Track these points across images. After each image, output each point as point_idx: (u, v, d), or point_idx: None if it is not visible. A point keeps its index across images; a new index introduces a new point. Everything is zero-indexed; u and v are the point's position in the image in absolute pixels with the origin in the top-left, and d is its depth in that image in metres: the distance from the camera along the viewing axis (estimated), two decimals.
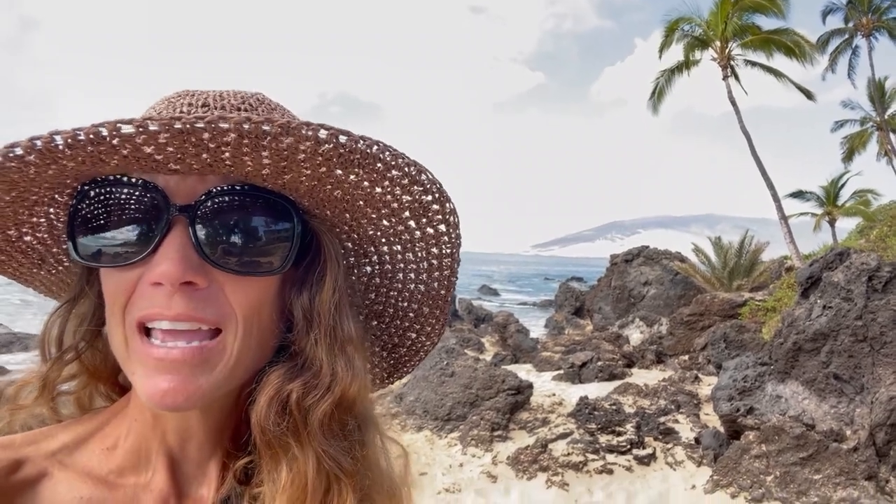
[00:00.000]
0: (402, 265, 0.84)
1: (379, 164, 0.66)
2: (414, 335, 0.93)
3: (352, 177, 0.66)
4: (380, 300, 0.90)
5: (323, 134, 0.60)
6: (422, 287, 0.86)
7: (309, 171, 0.64)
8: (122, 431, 0.75)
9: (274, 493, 0.70)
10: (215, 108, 0.70)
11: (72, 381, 0.80)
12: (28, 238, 0.78)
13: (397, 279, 0.86)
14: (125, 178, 0.66)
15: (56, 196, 0.71)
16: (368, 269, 0.86)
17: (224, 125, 0.57)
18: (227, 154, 0.60)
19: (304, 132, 0.59)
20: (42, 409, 0.78)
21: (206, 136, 0.58)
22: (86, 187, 0.67)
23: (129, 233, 0.67)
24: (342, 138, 0.61)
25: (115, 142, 0.57)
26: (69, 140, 0.57)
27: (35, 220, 0.75)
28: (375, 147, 0.64)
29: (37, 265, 0.83)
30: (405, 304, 0.89)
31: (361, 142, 0.63)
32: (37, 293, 0.90)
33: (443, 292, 0.86)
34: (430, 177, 0.70)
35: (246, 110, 0.71)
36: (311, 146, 0.61)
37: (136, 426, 0.75)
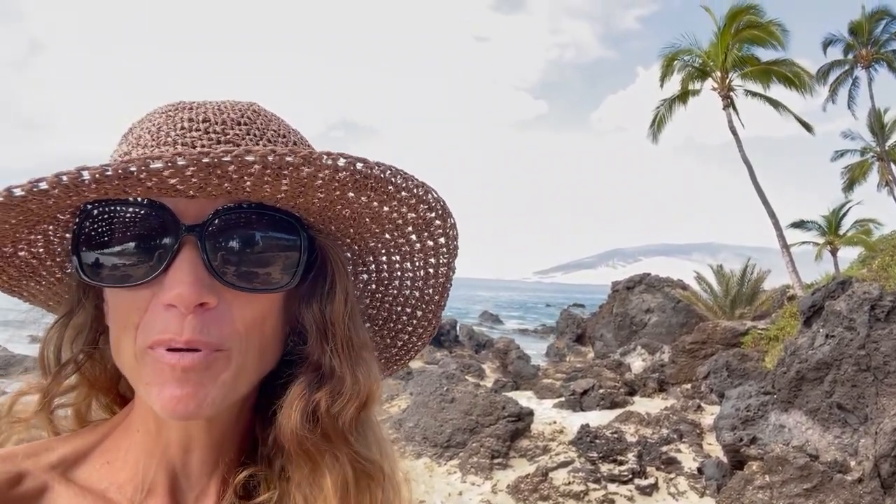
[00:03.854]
0: (398, 273, 0.86)
1: (390, 187, 0.68)
2: (406, 336, 0.95)
3: (363, 198, 0.68)
4: (374, 305, 0.92)
5: (342, 162, 0.62)
6: (417, 293, 0.88)
7: (323, 195, 0.66)
8: (123, 444, 0.75)
9: (317, 502, 0.73)
10: (216, 124, 0.71)
11: (71, 392, 0.80)
12: (23, 253, 0.78)
13: (393, 286, 0.88)
14: (130, 198, 0.66)
15: (58, 215, 0.71)
16: (365, 276, 0.88)
17: (250, 158, 0.58)
18: (248, 183, 0.62)
19: (324, 161, 0.61)
20: (40, 422, 0.78)
21: (231, 168, 0.59)
22: (89, 206, 0.67)
23: (137, 253, 0.67)
24: (359, 165, 0.63)
25: (142, 176, 0.58)
26: (97, 175, 0.57)
27: (33, 237, 0.75)
28: (389, 171, 0.66)
29: (27, 277, 0.83)
30: (399, 308, 0.91)
31: (377, 168, 0.65)
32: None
33: (437, 298, 0.88)
34: (436, 196, 0.73)
35: (245, 124, 0.73)
36: (329, 174, 0.63)
37: (137, 438, 0.75)
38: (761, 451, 7.24)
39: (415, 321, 0.92)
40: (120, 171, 0.57)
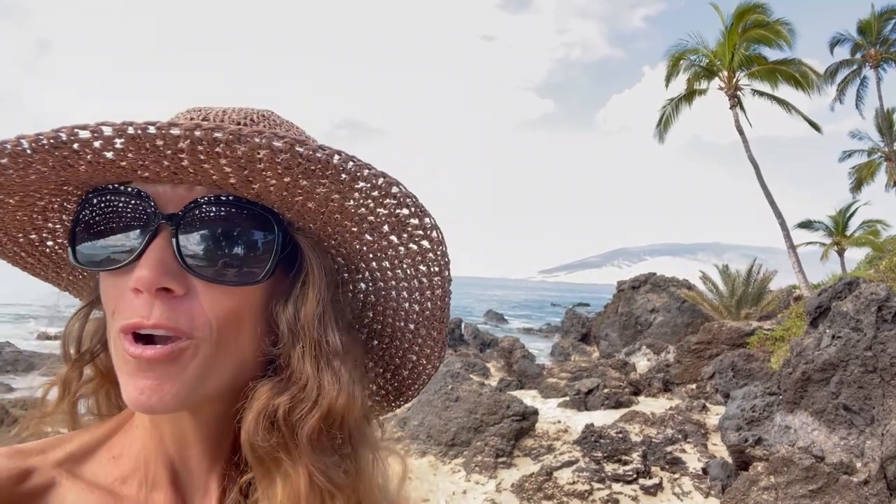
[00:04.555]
0: (393, 282, 0.83)
1: (344, 176, 0.65)
2: (414, 357, 0.91)
3: (320, 188, 0.66)
4: (377, 318, 0.89)
5: (277, 143, 0.61)
6: (416, 307, 0.85)
7: (274, 182, 0.65)
8: (128, 440, 0.77)
9: None
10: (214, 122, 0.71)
11: (90, 383, 0.82)
12: (49, 243, 0.83)
13: (391, 297, 0.86)
14: (122, 188, 0.69)
15: (66, 204, 0.75)
16: (363, 285, 0.86)
17: (175, 132, 0.58)
18: (185, 161, 0.61)
19: (256, 140, 0.60)
20: (63, 413, 0.80)
21: (159, 142, 0.59)
22: (89, 195, 0.71)
23: (120, 239, 0.69)
24: (298, 148, 0.62)
25: (75, 146, 0.59)
26: (33, 144, 0.59)
27: (51, 225, 0.80)
28: (337, 157, 0.64)
29: (63, 269, 0.87)
30: (402, 323, 0.88)
31: (321, 151, 0.63)
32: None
33: (437, 313, 0.85)
34: (403, 190, 0.69)
35: (246, 125, 0.72)
36: (267, 154, 0.61)
37: (138, 434, 0.76)
38: (766, 452, 7.21)
39: (420, 339, 0.89)
40: (52, 140, 0.59)
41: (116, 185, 0.69)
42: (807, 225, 29.58)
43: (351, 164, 0.65)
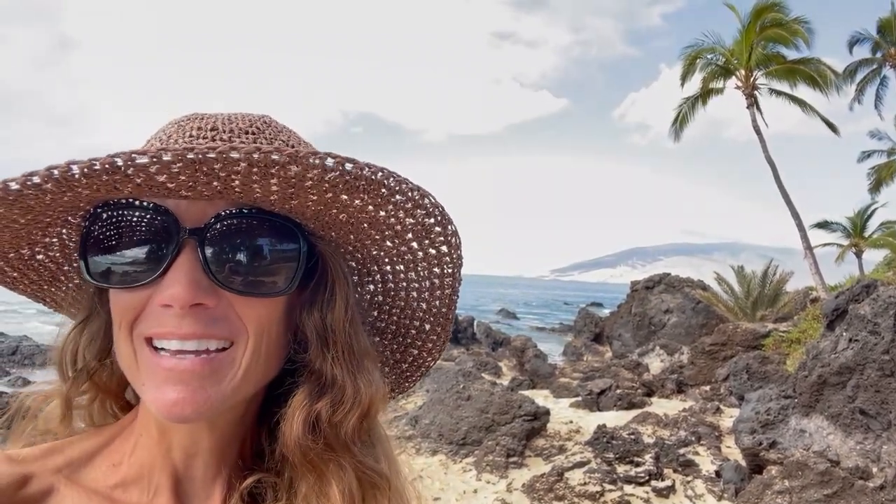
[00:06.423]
0: (404, 284, 0.85)
1: (383, 190, 0.67)
2: (416, 351, 0.94)
3: (357, 201, 0.68)
4: (382, 317, 0.91)
5: (330, 162, 0.62)
6: (423, 305, 0.88)
7: (315, 197, 0.66)
8: (128, 447, 0.76)
9: None
10: (224, 132, 0.72)
11: (84, 395, 0.82)
12: (40, 257, 0.81)
13: (400, 297, 0.88)
14: (136, 202, 0.68)
15: (69, 218, 0.73)
16: (371, 287, 0.88)
17: (234, 155, 0.59)
18: (237, 182, 0.62)
19: (311, 161, 0.61)
20: (62, 427, 0.80)
21: (217, 165, 0.59)
22: (98, 210, 0.69)
23: (139, 255, 0.68)
24: (348, 166, 0.63)
25: (129, 171, 0.59)
26: (85, 169, 0.58)
27: (48, 240, 0.77)
28: (380, 173, 0.66)
29: (48, 282, 0.85)
30: (407, 321, 0.91)
31: (367, 169, 0.64)
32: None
33: (444, 310, 0.88)
34: (433, 201, 0.72)
35: (253, 133, 0.73)
36: (317, 174, 0.62)
37: (141, 442, 0.76)
38: (781, 456, 7.14)
39: (423, 335, 0.91)
40: (107, 166, 0.58)
41: (130, 200, 0.68)
42: (824, 226, 29.26)
43: (392, 179, 0.67)
